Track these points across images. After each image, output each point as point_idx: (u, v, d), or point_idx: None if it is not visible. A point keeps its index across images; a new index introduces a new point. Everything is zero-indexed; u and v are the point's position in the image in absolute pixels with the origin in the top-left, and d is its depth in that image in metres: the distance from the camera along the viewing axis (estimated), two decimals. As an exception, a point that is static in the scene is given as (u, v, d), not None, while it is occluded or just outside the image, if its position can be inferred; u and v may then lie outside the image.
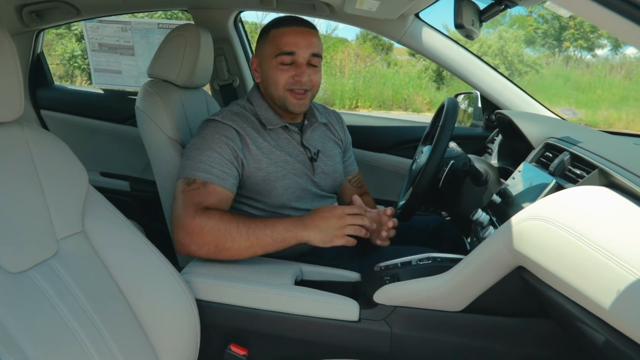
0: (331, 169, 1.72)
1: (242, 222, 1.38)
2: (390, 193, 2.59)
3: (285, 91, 1.55)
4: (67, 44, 11.44)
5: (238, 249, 1.37)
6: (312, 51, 1.54)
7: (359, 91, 12.97)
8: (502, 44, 14.38)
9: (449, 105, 1.68)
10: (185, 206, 1.40)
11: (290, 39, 1.53)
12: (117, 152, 2.86)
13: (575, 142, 1.35)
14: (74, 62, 11.35)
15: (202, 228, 1.35)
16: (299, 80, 1.53)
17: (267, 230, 1.38)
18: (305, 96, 1.57)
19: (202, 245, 1.36)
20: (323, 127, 1.78)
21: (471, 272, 1.20)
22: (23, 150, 1.12)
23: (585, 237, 0.89)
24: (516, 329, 1.26)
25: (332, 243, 1.40)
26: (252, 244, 1.37)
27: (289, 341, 1.36)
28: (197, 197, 1.41)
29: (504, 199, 1.48)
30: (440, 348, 1.29)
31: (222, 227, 1.35)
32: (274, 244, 1.39)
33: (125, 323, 1.15)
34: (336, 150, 1.79)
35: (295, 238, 1.39)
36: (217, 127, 1.52)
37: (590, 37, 14.98)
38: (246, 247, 1.37)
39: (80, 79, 11.33)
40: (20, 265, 1.01)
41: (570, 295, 0.94)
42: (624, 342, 0.80)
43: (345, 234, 1.40)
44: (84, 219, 1.19)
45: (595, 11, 0.60)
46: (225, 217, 1.38)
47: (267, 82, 1.59)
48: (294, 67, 1.54)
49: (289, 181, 1.58)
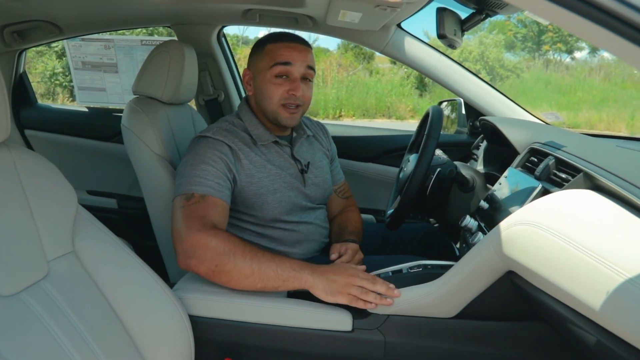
0: (321, 179, 1.72)
1: (249, 249, 1.33)
2: (378, 202, 2.60)
3: (279, 106, 1.56)
4: (48, 62, 11.36)
5: (238, 274, 1.30)
6: (307, 64, 1.56)
7: (342, 100, 13.00)
8: (482, 49, 14.51)
9: (434, 114, 1.69)
10: (188, 220, 1.37)
11: (286, 51, 1.54)
12: (103, 170, 2.84)
13: (560, 147, 1.36)
14: (55, 80, 11.26)
15: (206, 243, 1.31)
16: (294, 95, 1.54)
17: (272, 264, 1.32)
18: (297, 111, 1.58)
19: (202, 261, 1.31)
20: (311, 139, 1.79)
21: (462, 278, 1.21)
22: (10, 173, 1.11)
23: (573, 240, 0.90)
24: (509, 333, 1.27)
25: (334, 298, 1.31)
26: (254, 272, 1.30)
27: (284, 353, 1.36)
28: (198, 211, 1.39)
29: (491, 204, 1.50)
30: (434, 355, 1.30)
31: (226, 247, 1.31)
32: (275, 280, 1.31)
33: (118, 342, 1.14)
34: (325, 160, 1.80)
35: (298, 280, 1.32)
36: (209, 142, 1.52)
37: (569, 40, 15.20)
38: (246, 274, 1.30)
39: (62, 97, 11.24)
40: (11, 289, 1.01)
41: (560, 298, 0.95)
42: (615, 342, 0.81)
43: (350, 293, 1.30)
44: (74, 238, 1.18)
45: (569, 19, 0.61)
46: (232, 239, 1.35)
47: (261, 96, 1.59)
48: (289, 81, 1.55)
49: (281, 195, 1.58)
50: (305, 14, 2.13)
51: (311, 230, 1.66)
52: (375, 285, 1.31)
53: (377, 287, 1.31)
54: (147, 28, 6.38)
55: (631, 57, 0.61)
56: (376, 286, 1.31)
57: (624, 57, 0.62)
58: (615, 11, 0.57)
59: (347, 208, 1.89)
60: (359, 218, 1.85)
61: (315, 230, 1.67)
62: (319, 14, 2.09)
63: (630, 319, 0.76)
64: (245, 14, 2.23)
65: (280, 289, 1.33)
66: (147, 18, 2.47)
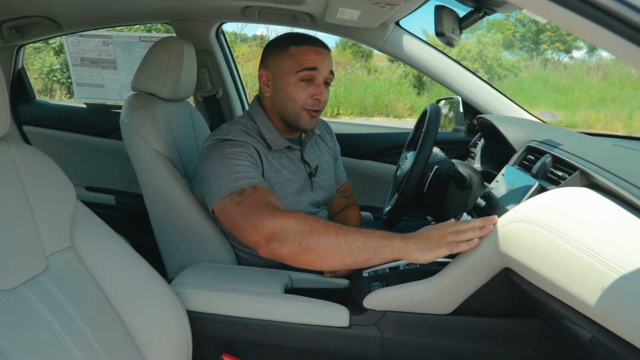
0: (327, 183, 1.74)
1: (332, 224, 1.26)
2: (376, 199, 2.61)
3: (302, 110, 1.56)
4: (46, 58, 11.34)
5: (323, 250, 1.22)
6: (330, 68, 1.58)
7: (340, 98, 12.99)
8: (480, 48, 14.51)
9: (432, 111, 1.70)
10: (254, 210, 1.32)
11: (312, 56, 1.54)
12: (101, 166, 2.85)
13: (557, 145, 1.37)
14: (52, 76, 11.24)
15: (284, 224, 1.26)
16: (318, 100, 1.55)
17: (359, 235, 1.22)
18: (317, 115, 1.60)
19: (285, 242, 1.25)
20: (319, 139, 1.81)
21: (458, 275, 1.22)
22: (10, 168, 1.11)
23: (569, 237, 0.91)
24: (506, 329, 1.28)
25: (433, 254, 1.19)
26: (340, 246, 1.21)
27: (281, 349, 1.36)
28: (260, 199, 1.35)
29: (488, 202, 1.50)
30: (431, 351, 1.30)
31: (307, 224, 1.25)
32: (365, 252, 1.21)
33: (117, 337, 1.15)
34: (330, 162, 1.82)
35: (390, 248, 1.21)
36: (233, 144, 1.49)
37: (567, 40, 15.20)
38: (333, 249, 1.22)
39: (60, 93, 11.22)
40: (10, 283, 1.01)
41: (556, 295, 0.96)
42: (610, 338, 0.82)
43: (448, 241, 1.19)
44: (72, 234, 1.18)
45: (567, 17, 0.62)
46: (311, 217, 1.29)
47: (282, 98, 1.58)
48: (313, 86, 1.55)
49: (290, 200, 1.59)
50: (304, 11, 2.14)
51: None
52: (470, 224, 1.20)
53: (472, 224, 1.19)
54: (145, 25, 6.40)
55: (629, 56, 0.61)
56: (470, 224, 1.20)
57: (622, 56, 0.62)
58: (613, 10, 0.57)
59: (348, 207, 1.90)
60: (358, 216, 1.86)
61: None
62: (317, 11, 2.10)
63: (624, 315, 0.77)
64: (244, 10, 2.24)
65: (371, 262, 1.23)
66: (146, 14, 2.48)
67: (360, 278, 1.44)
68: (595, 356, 0.95)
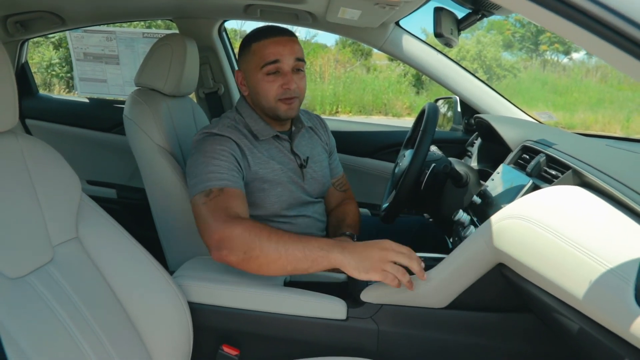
0: (319, 174, 1.75)
1: (274, 232, 1.31)
2: (374, 197, 2.64)
3: (277, 102, 1.58)
4: (45, 52, 11.32)
5: (266, 259, 1.28)
6: (295, 56, 1.58)
7: (339, 96, 12.99)
8: (480, 48, 14.51)
9: (430, 110, 1.73)
10: (212, 214, 1.37)
11: (272, 49, 1.55)
12: (103, 160, 2.87)
13: (551, 144, 1.40)
14: (51, 71, 11.22)
15: (232, 233, 1.31)
16: (288, 88, 1.56)
17: (299, 245, 1.27)
18: (294, 102, 1.60)
19: (232, 250, 1.30)
20: (310, 132, 1.82)
21: (453, 270, 1.25)
22: (18, 160, 1.14)
23: (560, 233, 0.94)
24: (500, 324, 1.31)
25: (367, 275, 1.23)
26: (281, 255, 1.27)
27: (280, 340, 1.39)
28: (220, 204, 1.40)
29: (483, 199, 1.53)
30: (426, 344, 1.33)
31: (252, 233, 1.30)
32: (304, 261, 1.27)
33: (120, 326, 1.17)
34: (323, 155, 1.83)
35: (327, 259, 1.26)
36: (216, 140, 1.53)
37: (566, 41, 15.20)
38: (274, 258, 1.27)
39: (59, 88, 11.19)
40: (18, 271, 1.03)
41: (547, 288, 0.99)
42: (596, 328, 0.85)
43: (384, 269, 1.22)
44: (78, 225, 1.21)
45: (556, 22, 0.65)
46: (257, 225, 1.34)
47: (256, 95, 1.61)
48: (281, 76, 1.56)
49: (282, 189, 1.61)
50: (306, 10, 2.17)
51: (308, 224, 1.69)
52: (412, 261, 1.23)
53: (413, 264, 1.23)
54: (145, 21, 6.40)
55: (618, 62, 0.64)
56: (412, 262, 1.23)
57: (612, 62, 0.65)
58: (599, 17, 0.60)
59: (345, 201, 1.91)
60: (356, 211, 1.87)
61: (312, 223, 1.70)
62: (319, 11, 2.13)
63: (611, 307, 0.80)
64: (247, 9, 2.27)
65: (311, 270, 1.28)
66: (150, 11, 2.50)
67: (357, 273, 1.46)
68: (582, 347, 0.98)
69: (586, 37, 0.64)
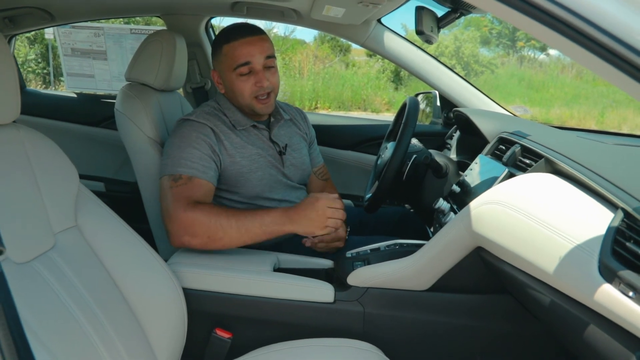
0: (299, 161, 1.81)
1: (232, 214, 1.47)
2: (356, 188, 2.69)
3: (252, 99, 1.65)
4: (20, 48, 11.13)
5: (229, 239, 1.46)
6: (265, 55, 1.64)
7: (318, 92, 12.96)
8: (458, 45, 14.60)
9: (411, 104, 1.80)
10: (175, 200, 1.48)
11: (242, 50, 1.61)
12: (91, 154, 2.87)
13: (525, 136, 1.47)
14: (27, 67, 11.03)
15: (194, 220, 1.44)
16: (261, 86, 1.63)
17: (256, 222, 1.46)
18: (269, 98, 1.68)
19: (194, 236, 1.45)
20: (289, 123, 1.88)
21: (435, 254, 1.32)
22: (20, 150, 1.18)
23: (533, 216, 1.02)
24: (480, 305, 1.38)
25: (314, 233, 1.51)
26: (242, 234, 1.46)
27: (271, 323, 1.45)
28: (185, 192, 1.49)
29: (462, 188, 1.60)
30: (409, 324, 1.40)
31: (212, 219, 1.44)
32: (262, 235, 1.48)
33: (119, 310, 1.22)
34: (302, 144, 1.89)
35: (282, 230, 1.48)
36: (193, 125, 1.61)
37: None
38: (237, 237, 1.46)
39: (35, 84, 11.01)
40: (23, 257, 1.07)
41: (521, 267, 1.07)
42: (565, 299, 0.94)
43: (326, 225, 1.48)
44: (76, 214, 1.25)
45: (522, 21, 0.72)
46: (215, 210, 1.47)
47: (232, 93, 1.68)
48: (253, 75, 1.63)
49: (262, 173, 1.67)
50: (291, 8, 2.22)
51: None
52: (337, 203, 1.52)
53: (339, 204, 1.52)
54: (127, 18, 6.36)
55: (583, 59, 0.71)
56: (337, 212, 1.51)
57: (578, 60, 0.72)
58: (560, 16, 0.68)
59: (326, 190, 1.98)
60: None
61: None
62: (304, 8, 2.18)
63: (578, 279, 0.88)
64: (234, 6, 2.31)
65: (271, 238, 1.51)
66: (138, 7, 2.52)
67: (343, 258, 1.53)
68: (554, 321, 1.07)
69: (552, 35, 0.70)
